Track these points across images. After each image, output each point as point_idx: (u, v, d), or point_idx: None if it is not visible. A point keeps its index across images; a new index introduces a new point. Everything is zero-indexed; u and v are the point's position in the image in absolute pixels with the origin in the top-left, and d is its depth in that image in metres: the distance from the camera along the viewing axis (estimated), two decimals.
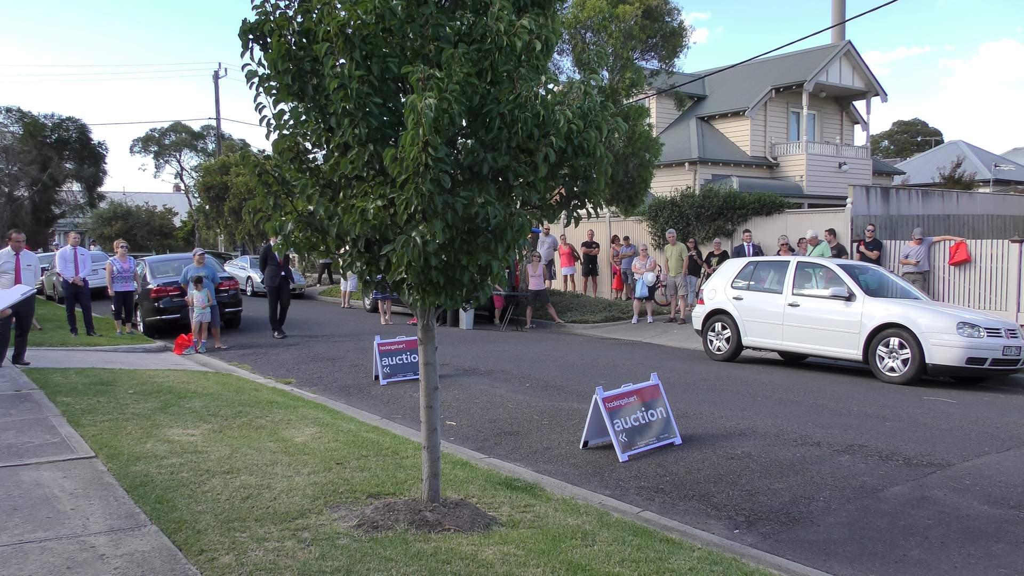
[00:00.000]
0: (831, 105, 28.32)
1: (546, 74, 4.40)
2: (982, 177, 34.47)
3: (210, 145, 43.90)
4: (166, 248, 41.39)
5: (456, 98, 3.82)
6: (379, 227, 4.18)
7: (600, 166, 4.34)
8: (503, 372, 10.99)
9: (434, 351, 4.83)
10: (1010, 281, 14.66)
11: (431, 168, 3.81)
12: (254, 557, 4.02)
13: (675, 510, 5.46)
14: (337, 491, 5.18)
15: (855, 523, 5.23)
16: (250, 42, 4.27)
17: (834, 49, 26.84)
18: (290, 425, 7.19)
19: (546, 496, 5.35)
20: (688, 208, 19.49)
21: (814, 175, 25.83)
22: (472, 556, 4.13)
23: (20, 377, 9.51)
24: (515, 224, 4.18)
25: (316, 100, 4.30)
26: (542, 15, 4.38)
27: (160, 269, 16.29)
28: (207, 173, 34.07)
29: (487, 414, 8.37)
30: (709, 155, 25.04)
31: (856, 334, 10.89)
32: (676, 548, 4.44)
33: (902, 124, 59.84)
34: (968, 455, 6.85)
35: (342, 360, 12.11)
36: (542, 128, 4.09)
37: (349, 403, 8.90)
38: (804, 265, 12.06)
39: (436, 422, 4.85)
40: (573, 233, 20.59)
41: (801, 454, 6.83)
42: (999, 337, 10.29)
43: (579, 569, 4.02)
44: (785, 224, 18.18)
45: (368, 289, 4.66)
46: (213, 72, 38.66)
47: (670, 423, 7.18)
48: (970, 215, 20.27)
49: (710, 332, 13.00)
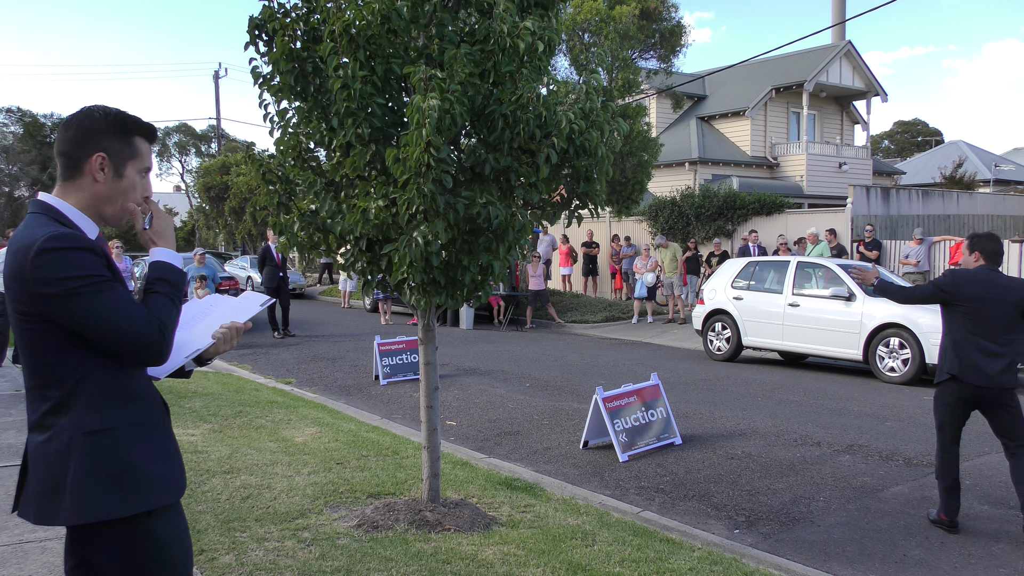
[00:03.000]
0: (831, 105, 28.32)
1: (548, 75, 4.41)
2: (982, 177, 34.47)
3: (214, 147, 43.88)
4: None
5: (459, 99, 3.82)
6: (381, 227, 4.18)
7: (601, 167, 4.34)
8: (503, 372, 10.99)
9: (434, 351, 4.83)
10: None
11: (433, 168, 3.81)
12: (254, 557, 4.02)
13: (675, 510, 5.46)
14: (337, 491, 5.18)
15: (855, 523, 5.23)
16: (256, 38, 4.28)
17: (834, 49, 26.84)
18: (290, 425, 7.20)
19: (546, 496, 5.35)
20: (688, 208, 19.50)
21: (814, 175, 25.83)
22: (472, 556, 4.13)
23: (20, 377, 9.52)
24: (516, 224, 4.18)
25: (319, 100, 4.31)
26: (545, 16, 4.38)
27: None
28: (207, 173, 34.05)
29: (487, 414, 8.37)
30: (709, 155, 25.04)
31: (856, 334, 10.89)
32: (676, 548, 4.44)
33: (903, 124, 59.84)
34: (968, 455, 6.85)
35: (342, 360, 12.11)
36: (544, 129, 4.09)
37: (349, 403, 8.90)
38: (804, 265, 12.06)
39: (436, 422, 4.85)
40: (573, 233, 20.60)
41: (801, 454, 6.83)
42: None
43: (579, 569, 4.02)
44: (785, 224, 18.18)
45: (369, 289, 4.67)
46: (213, 72, 38.65)
47: (670, 423, 7.18)
48: (970, 215, 20.28)
49: (710, 332, 13.00)
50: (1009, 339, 4.87)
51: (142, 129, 2.10)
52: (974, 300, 4.91)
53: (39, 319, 1.90)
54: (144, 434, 2.02)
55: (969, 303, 4.93)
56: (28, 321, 1.91)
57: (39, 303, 1.88)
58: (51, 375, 1.94)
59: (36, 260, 1.85)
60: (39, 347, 1.93)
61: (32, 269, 1.85)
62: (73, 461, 1.91)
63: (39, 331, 1.91)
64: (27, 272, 1.86)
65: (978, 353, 4.87)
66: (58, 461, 1.91)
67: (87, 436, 1.92)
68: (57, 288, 1.85)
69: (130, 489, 1.94)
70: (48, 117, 34.27)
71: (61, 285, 1.85)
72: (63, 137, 2.04)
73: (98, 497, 1.91)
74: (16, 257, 1.89)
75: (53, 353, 1.93)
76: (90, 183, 2.03)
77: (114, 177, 2.05)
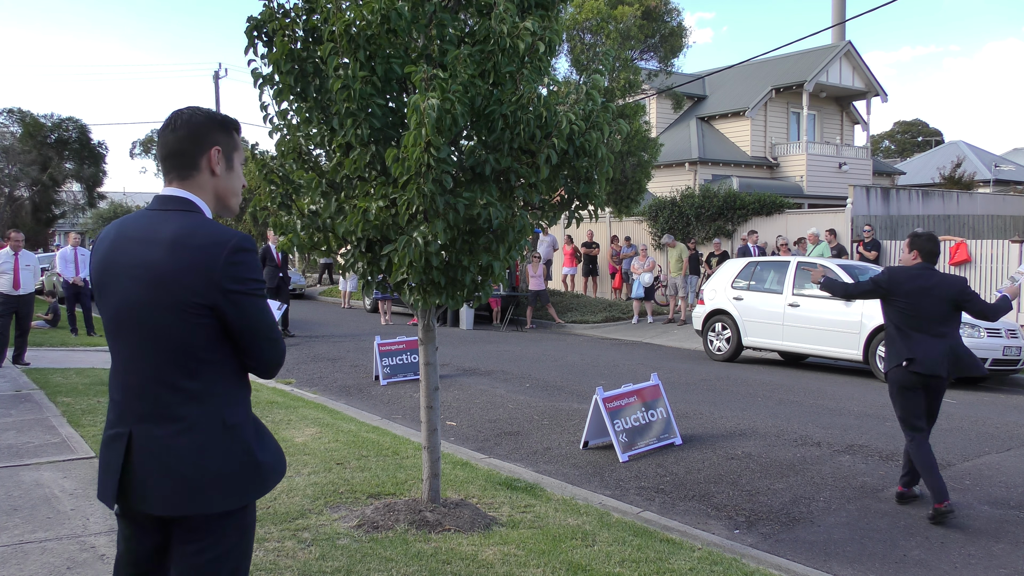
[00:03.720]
0: (831, 105, 28.32)
1: (548, 75, 4.41)
2: (982, 177, 34.47)
3: None
4: None
5: (459, 99, 3.82)
6: (381, 227, 4.18)
7: (602, 167, 4.34)
8: (503, 372, 10.99)
9: (435, 351, 4.83)
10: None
11: (433, 169, 3.81)
12: (254, 557, 4.02)
13: (675, 510, 5.46)
14: (337, 491, 5.18)
15: (855, 523, 5.23)
16: (255, 39, 4.28)
17: (834, 49, 26.84)
18: (290, 425, 7.20)
19: (546, 496, 5.35)
20: (688, 208, 19.49)
21: (814, 175, 25.84)
22: (472, 556, 4.13)
23: (20, 377, 9.52)
24: (517, 225, 4.18)
25: (318, 100, 4.31)
26: (546, 16, 4.38)
27: None
28: None
29: (487, 414, 8.37)
30: (709, 155, 25.04)
31: (856, 334, 10.89)
32: (676, 548, 4.44)
33: (903, 124, 59.84)
34: (968, 455, 6.85)
35: (342, 360, 12.11)
36: (544, 129, 4.09)
37: (349, 403, 8.90)
38: (804, 265, 12.06)
39: (436, 422, 4.85)
40: (572, 233, 20.60)
41: (801, 454, 6.83)
42: (999, 337, 10.30)
43: (579, 569, 4.02)
44: (785, 224, 18.18)
45: (369, 289, 4.67)
46: (213, 72, 38.59)
47: (670, 423, 7.18)
48: (970, 215, 20.28)
49: (710, 332, 13.01)
50: (943, 331, 5.26)
51: (236, 124, 2.25)
52: (910, 295, 5.26)
53: (205, 311, 1.99)
54: (257, 427, 2.15)
55: (906, 298, 5.28)
56: (191, 313, 1.99)
57: (219, 297, 1.99)
58: (195, 366, 2.02)
59: (233, 257, 1.99)
60: (192, 338, 2.00)
61: (225, 265, 1.98)
62: (216, 453, 2.02)
63: (199, 324, 2.00)
64: (218, 266, 1.97)
65: (917, 344, 5.21)
66: (197, 452, 2.00)
67: (227, 429, 2.04)
68: (243, 287, 2.01)
69: (257, 479, 2.09)
70: (48, 117, 34.24)
71: (248, 284, 2.02)
72: (174, 138, 2.13)
73: (241, 486, 2.05)
74: (199, 253, 1.98)
75: (206, 347, 2.02)
76: (208, 177, 2.15)
77: (227, 169, 2.19)
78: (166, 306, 1.98)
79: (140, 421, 2.02)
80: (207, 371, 2.03)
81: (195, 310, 1.98)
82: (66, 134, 34.87)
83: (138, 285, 2.00)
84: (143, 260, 2.01)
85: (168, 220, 2.04)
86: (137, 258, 2.02)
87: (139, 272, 2.01)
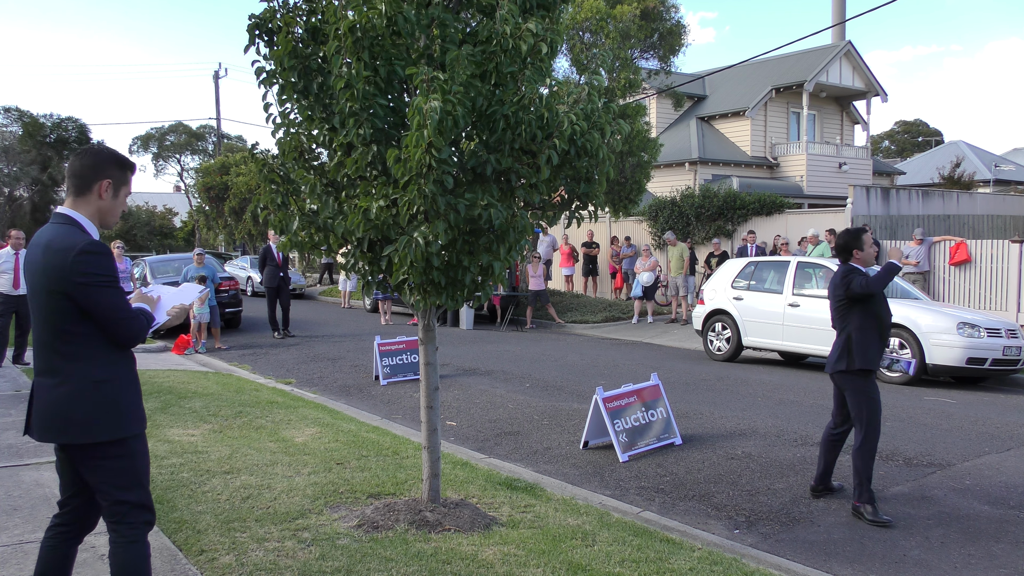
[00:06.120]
0: (831, 105, 28.32)
1: (549, 76, 4.40)
2: (982, 177, 34.46)
3: (210, 146, 43.85)
4: (166, 248, 41.37)
5: (460, 100, 3.82)
6: (381, 227, 4.18)
7: (602, 168, 4.34)
8: (503, 372, 10.99)
9: (435, 351, 4.83)
10: (1010, 281, 14.67)
11: (434, 169, 3.81)
12: (254, 557, 4.02)
13: (675, 510, 5.46)
14: (337, 491, 5.18)
15: (855, 523, 5.24)
16: (256, 38, 4.28)
17: (834, 49, 26.84)
18: (290, 425, 7.20)
19: (546, 496, 5.35)
20: (688, 208, 19.49)
21: (814, 175, 25.83)
22: (472, 556, 4.13)
23: (20, 377, 9.52)
24: (517, 225, 4.18)
25: (320, 99, 4.31)
26: (547, 17, 4.38)
27: (160, 269, 16.33)
28: (207, 173, 34.05)
29: (487, 414, 8.37)
30: (709, 155, 25.04)
31: None
32: (676, 548, 4.44)
33: (904, 124, 59.82)
34: (968, 455, 6.85)
35: (342, 360, 12.11)
36: (545, 130, 4.09)
37: (349, 403, 8.90)
38: (804, 265, 12.06)
39: (436, 422, 4.85)
40: (573, 233, 20.60)
41: (801, 454, 6.83)
42: (999, 337, 10.29)
43: (579, 569, 4.02)
44: (785, 224, 18.18)
45: (370, 289, 4.67)
46: (213, 72, 38.61)
47: (670, 423, 7.18)
48: (970, 215, 20.27)
49: (710, 332, 13.00)
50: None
51: (132, 165, 2.99)
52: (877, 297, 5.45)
53: (64, 297, 2.72)
54: (129, 383, 2.87)
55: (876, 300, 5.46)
56: (56, 297, 2.73)
57: (69, 286, 2.71)
58: (68, 336, 2.75)
59: (79, 257, 2.70)
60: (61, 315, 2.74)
61: (73, 263, 2.70)
62: (85, 399, 2.75)
63: (62, 306, 2.74)
64: (67, 263, 2.70)
65: (880, 344, 5.49)
66: (69, 399, 2.74)
67: (95, 384, 2.77)
68: (87, 279, 2.71)
69: (121, 421, 2.81)
70: (48, 117, 34.25)
71: (91, 278, 2.72)
72: (80, 163, 2.87)
73: (100, 425, 2.76)
74: (57, 255, 2.72)
75: (72, 321, 2.75)
76: (96, 199, 2.89)
77: (113, 197, 2.92)
78: (45, 292, 2.75)
79: (39, 374, 2.84)
80: (76, 340, 2.75)
81: (58, 295, 2.72)
82: (66, 134, 34.85)
83: (32, 277, 2.81)
84: (33, 259, 2.81)
85: (52, 231, 2.81)
86: (33, 257, 2.81)
87: (33, 268, 2.81)
